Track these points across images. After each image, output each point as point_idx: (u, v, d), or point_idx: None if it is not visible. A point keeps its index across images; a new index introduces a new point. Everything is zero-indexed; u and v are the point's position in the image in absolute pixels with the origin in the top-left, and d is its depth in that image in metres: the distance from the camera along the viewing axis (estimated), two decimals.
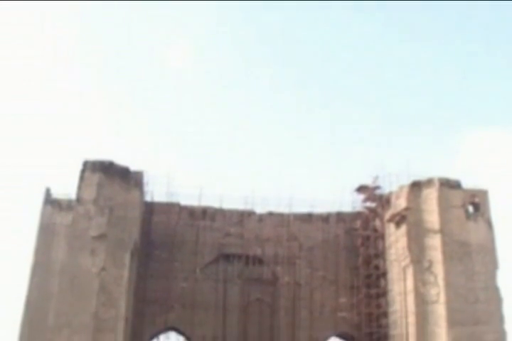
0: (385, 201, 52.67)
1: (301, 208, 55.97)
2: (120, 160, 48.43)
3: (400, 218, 49.20)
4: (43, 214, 45.79)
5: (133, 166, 48.76)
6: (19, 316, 42.80)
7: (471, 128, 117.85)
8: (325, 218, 56.53)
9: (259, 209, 56.17)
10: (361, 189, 55.98)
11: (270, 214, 56.26)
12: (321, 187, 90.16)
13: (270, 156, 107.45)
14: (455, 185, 48.71)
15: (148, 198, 53.32)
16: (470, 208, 48.46)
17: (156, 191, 53.81)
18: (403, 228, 48.76)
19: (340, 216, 56.78)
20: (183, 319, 52.10)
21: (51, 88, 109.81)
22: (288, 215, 56.12)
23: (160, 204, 54.31)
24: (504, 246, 50.13)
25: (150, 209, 53.32)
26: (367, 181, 55.30)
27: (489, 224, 47.96)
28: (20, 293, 43.56)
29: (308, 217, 56.40)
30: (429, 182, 48.87)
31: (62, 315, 42.71)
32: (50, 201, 46.26)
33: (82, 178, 46.66)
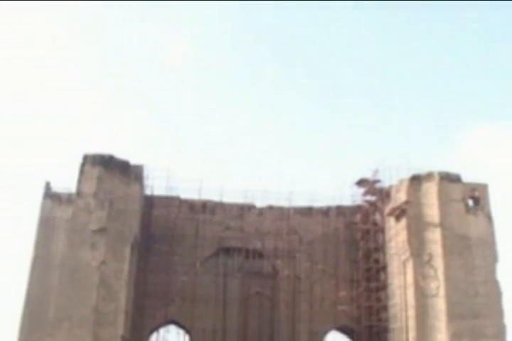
0: (385, 195, 52.63)
1: (301, 202, 56.07)
2: (120, 153, 48.47)
3: (400, 212, 49.16)
4: (43, 207, 45.79)
5: (133, 160, 48.81)
6: (19, 310, 42.92)
7: (472, 122, 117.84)
8: (325, 212, 56.51)
9: (259, 202, 56.29)
10: (361, 182, 55.93)
11: (270, 207, 56.25)
12: (321, 180, 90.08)
13: (270, 150, 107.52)
14: (455, 179, 48.64)
15: (148, 192, 53.31)
16: (470, 202, 48.38)
17: (156, 185, 53.93)
18: (403, 222, 48.73)
19: (340, 209, 56.76)
20: (183, 312, 52.16)
21: (51, 84, 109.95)
22: (288, 209, 56.11)
23: (160, 197, 54.30)
24: (504, 239, 50.20)
25: (150, 202, 53.30)
26: (367, 175, 55.24)
27: (489, 218, 47.89)
28: (20, 287, 43.77)
29: (308, 211, 56.38)
30: (429, 175, 48.81)
31: (62, 309, 42.75)
32: (50, 195, 46.26)
33: (82, 172, 46.60)
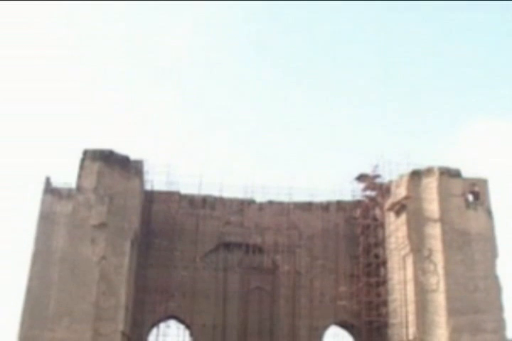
0: (385, 190, 52.65)
1: (301, 197, 56.15)
2: (120, 149, 48.53)
3: (400, 207, 49.20)
4: (43, 203, 45.74)
5: (133, 155, 48.86)
6: (20, 305, 42.91)
7: (472, 117, 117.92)
8: (325, 207, 56.53)
9: (259, 197, 56.36)
10: (361, 178, 55.95)
11: (270, 202, 56.25)
12: (321, 175, 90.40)
13: (270, 145, 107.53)
14: (455, 174, 48.67)
15: (148, 187, 53.35)
16: (470, 197, 48.44)
17: (156, 180, 54.06)
18: (403, 217, 48.78)
19: (340, 205, 56.79)
20: (184, 307, 52.22)
21: (52, 80, 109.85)
22: (288, 204, 56.12)
23: (160, 192, 54.32)
24: (504, 234, 50.25)
25: (150, 197, 53.32)
26: (367, 170, 55.36)
27: (489, 213, 47.95)
28: (20, 282, 43.78)
29: (308, 206, 56.40)
30: (429, 171, 48.83)
31: (62, 304, 42.81)
32: (50, 190, 46.20)
33: (82, 167, 46.62)
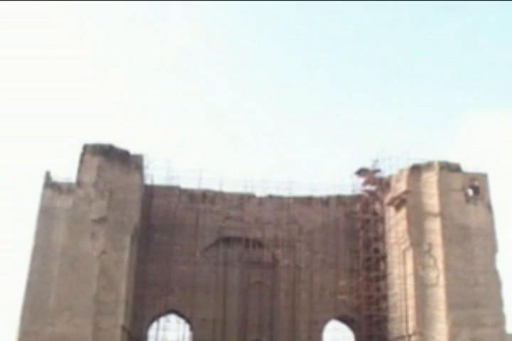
0: (385, 184, 52.62)
1: (301, 191, 56.13)
2: (120, 143, 48.49)
3: (400, 201, 49.18)
4: (43, 197, 45.75)
5: (133, 149, 48.88)
6: (20, 299, 42.96)
7: (471, 111, 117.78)
8: (325, 201, 56.49)
9: (259, 192, 56.33)
10: (361, 172, 55.91)
11: (270, 197, 56.24)
12: (321, 170, 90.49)
13: (270, 139, 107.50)
14: (455, 169, 48.63)
15: (148, 181, 53.32)
16: (470, 191, 48.41)
17: (156, 174, 54.04)
18: (403, 211, 48.77)
19: (340, 199, 56.76)
20: (184, 302, 52.27)
21: (53, 75, 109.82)
22: (288, 198, 56.10)
23: (160, 187, 54.31)
24: (504, 229, 50.26)
25: (150, 192, 53.31)
26: (367, 164, 55.33)
27: (489, 208, 47.93)
28: (20, 277, 43.82)
29: (308, 200, 56.36)
30: (428, 165, 48.79)
31: (62, 298, 42.86)
32: (50, 184, 46.20)
33: (82, 162, 46.60)
